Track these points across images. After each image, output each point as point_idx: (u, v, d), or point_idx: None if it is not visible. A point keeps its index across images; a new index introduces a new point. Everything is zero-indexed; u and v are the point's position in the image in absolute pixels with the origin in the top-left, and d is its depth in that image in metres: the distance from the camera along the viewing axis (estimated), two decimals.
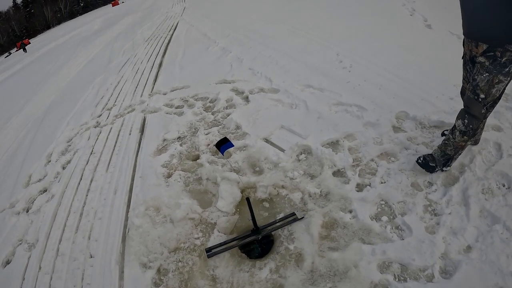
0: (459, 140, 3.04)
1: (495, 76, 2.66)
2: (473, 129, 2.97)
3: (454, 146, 3.08)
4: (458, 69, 4.68)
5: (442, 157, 3.17)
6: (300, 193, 3.45)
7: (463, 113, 3.00)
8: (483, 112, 2.87)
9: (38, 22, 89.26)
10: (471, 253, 2.53)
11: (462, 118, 2.99)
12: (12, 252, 3.97)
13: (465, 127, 2.97)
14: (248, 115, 5.02)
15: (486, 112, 2.89)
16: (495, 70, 2.63)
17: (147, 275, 3.04)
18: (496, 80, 2.68)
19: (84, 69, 13.34)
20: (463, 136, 3.01)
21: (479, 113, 2.87)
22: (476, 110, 2.87)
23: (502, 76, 2.66)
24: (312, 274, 2.72)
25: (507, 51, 2.52)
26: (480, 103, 2.82)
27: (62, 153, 5.98)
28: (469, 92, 2.89)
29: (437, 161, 3.19)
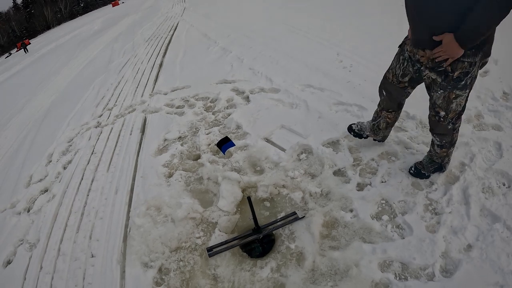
0: (439, 152, 3.09)
1: (451, 92, 2.62)
2: (449, 142, 3.00)
3: (437, 156, 3.11)
4: None
5: (430, 164, 3.19)
6: (301, 192, 3.45)
7: (432, 131, 3.06)
8: (450, 128, 2.86)
9: (38, 23, 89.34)
10: (471, 252, 2.53)
11: (433, 135, 3.07)
12: (13, 252, 3.97)
13: (440, 142, 3.02)
14: (248, 115, 5.03)
15: (454, 126, 2.87)
16: (449, 86, 2.59)
17: (148, 275, 3.04)
18: (453, 95, 2.65)
19: (85, 70, 13.36)
20: (442, 149, 3.05)
21: (445, 130, 2.88)
22: (441, 129, 2.89)
23: (459, 91, 2.61)
24: (313, 273, 2.73)
25: (458, 63, 2.48)
26: (443, 122, 2.83)
27: (63, 153, 5.99)
28: (429, 112, 2.92)
29: (426, 168, 3.20)
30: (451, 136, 2.95)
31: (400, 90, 3.17)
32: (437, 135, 2.99)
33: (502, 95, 4.08)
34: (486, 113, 3.85)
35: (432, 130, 3.00)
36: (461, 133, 3.60)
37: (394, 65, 3.08)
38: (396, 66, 3.04)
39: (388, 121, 3.49)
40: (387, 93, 3.28)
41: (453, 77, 2.53)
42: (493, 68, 4.63)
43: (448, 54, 2.45)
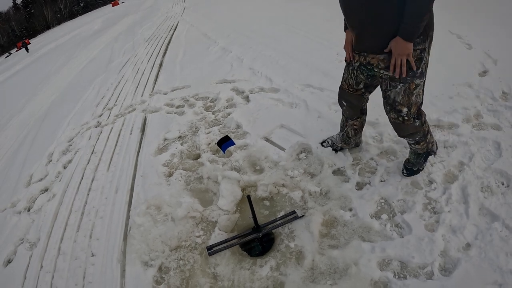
0: (418, 147, 3.11)
1: (411, 82, 2.66)
2: (422, 135, 3.01)
3: (420, 149, 3.14)
4: (457, 68, 4.74)
5: (418, 158, 3.20)
6: (301, 191, 3.47)
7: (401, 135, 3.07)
8: (418, 125, 2.88)
9: (38, 23, 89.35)
10: (470, 250, 2.54)
11: (404, 138, 3.10)
12: (14, 251, 3.97)
13: (413, 140, 3.04)
14: (248, 114, 5.04)
15: (420, 120, 2.90)
16: (408, 77, 2.61)
17: (148, 273, 3.05)
18: (413, 86, 2.68)
19: (85, 69, 13.36)
20: (419, 143, 3.07)
21: (413, 128, 2.88)
22: (409, 128, 2.89)
23: (418, 79, 2.66)
24: (313, 271, 2.74)
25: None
26: (408, 120, 2.83)
27: (63, 152, 5.99)
28: (389, 116, 2.92)
29: (417, 163, 3.22)
30: (422, 130, 2.96)
31: (358, 97, 3.23)
32: (408, 136, 2.99)
33: (501, 95, 4.09)
34: (485, 113, 3.86)
35: (400, 134, 3.00)
36: (460, 132, 3.63)
37: (346, 76, 3.16)
38: (348, 77, 3.11)
39: (355, 128, 3.56)
40: (347, 102, 3.35)
41: (410, 67, 2.56)
42: (492, 68, 4.64)
43: (400, 54, 2.51)
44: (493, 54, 4.99)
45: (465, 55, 5.24)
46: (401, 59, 2.54)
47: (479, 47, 5.35)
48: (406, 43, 2.46)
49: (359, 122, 3.53)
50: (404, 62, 2.55)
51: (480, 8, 6.96)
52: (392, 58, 2.58)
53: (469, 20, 6.47)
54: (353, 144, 3.78)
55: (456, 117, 3.87)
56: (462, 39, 5.77)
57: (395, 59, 2.57)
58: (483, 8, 6.91)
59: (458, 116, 3.89)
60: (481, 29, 5.92)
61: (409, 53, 2.50)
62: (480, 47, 5.33)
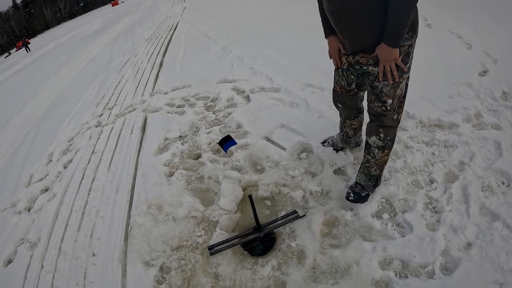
0: (380, 157, 3.00)
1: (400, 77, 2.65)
2: (391, 139, 2.94)
3: (377, 165, 3.05)
4: (458, 68, 4.74)
5: (369, 181, 3.11)
6: (302, 191, 3.47)
7: (375, 127, 2.93)
8: (395, 118, 2.85)
9: (38, 22, 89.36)
10: (471, 250, 2.55)
11: (376, 134, 2.93)
12: (14, 251, 3.97)
13: (383, 141, 2.93)
14: (249, 114, 5.04)
15: (398, 116, 2.87)
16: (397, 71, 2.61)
17: (149, 273, 3.05)
18: (401, 80, 2.67)
19: (85, 69, 13.36)
20: (384, 150, 2.97)
21: (392, 121, 2.84)
22: (388, 120, 2.84)
23: (405, 74, 2.67)
24: (314, 271, 2.74)
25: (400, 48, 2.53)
26: (390, 111, 2.80)
27: (63, 152, 5.99)
28: (373, 105, 2.86)
29: (366, 187, 3.11)
30: (395, 131, 2.94)
31: (352, 97, 3.22)
32: (383, 129, 2.89)
33: (502, 95, 4.09)
34: (485, 113, 3.86)
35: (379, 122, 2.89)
36: (460, 132, 3.64)
37: (336, 79, 3.19)
38: (339, 79, 3.14)
39: (354, 128, 3.57)
40: (342, 104, 3.36)
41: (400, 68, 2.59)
42: (492, 67, 4.65)
43: (387, 60, 2.53)
44: (493, 54, 5.00)
45: (465, 54, 5.24)
46: (389, 65, 2.56)
47: (479, 46, 5.35)
48: (391, 49, 2.47)
49: (358, 121, 3.53)
50: (394, 67, 2.56)
51: (480, 8, 6.95)
52: (380, 65, 2.60)
53: (469, 19, 6.47)
54: (354, 143, 3.79)
55: (457, 117, 3.87)
56: (462, 38, 5.78)
57: (383, 66, 2.59)
58: (483, 8, 6.91)
59: (459, 115, 3.89)
60: (481, 29, 5.92)
61: (396, 58, 2.51)
62: (480, 46, 5.34)
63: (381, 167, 3.08)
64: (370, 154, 3.02)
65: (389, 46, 2.46)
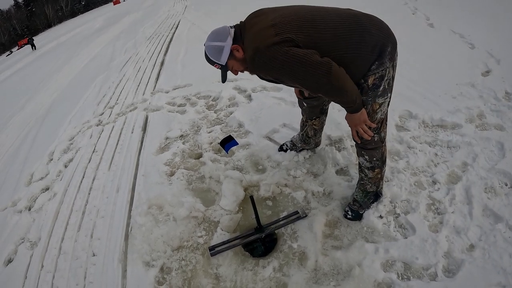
0: (372, 175, 2.95)
1: (374, 103, 2.54)
2: (378, 159, 2.87)
3: (372, 183, 3.00)
4: (460, 68, 4.72)
5: (366, 197, 3.05)
6: (303, 191, 3.45)
7: (359, 150, 2.89)
8: (377, 140, 2.74)
9: (39, 21, 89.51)
10: (474, 252, 2.53)
11: (361, 155, 2.89)
12: (14, 251, 3.96)
13: (370, 163, 2.87)
14: (250, 113, 5.02)
15: (380, 136, 2.76)
16: (369, 98, 2.51)
17: (150, 274, 3.04)
18: (377, 106, 2.56)
19: (86, 68, 13.35)
20: (374, 170, 2.91)
21: (374, 143, 2.75)
22: (370, 143, 2.75)
23: (381, 98, 2.55)
24: (316, 272, 2.73)
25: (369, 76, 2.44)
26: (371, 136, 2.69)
27: (64, 151, 5.98)
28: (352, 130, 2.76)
29: (362, 204, 3.06)
30: (381, 151, 2.84)
31: (319, 97, 3.23)
32: (366, 152, 2.82)
33: (505, 95, 4.08)
34: (488, 113, 3.85)
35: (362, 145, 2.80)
36: (463, 133, 3.62)
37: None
38: None
39: (315, 128, 3.59)
40: (308, 103, 3.38)
41: (369, 87, 2.47)
42: (495, 67, 4.63)
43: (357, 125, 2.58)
44: (496, 54, 4.98)
45: (468, 54, 5.23)
46: (361, 128, 2.57)
47: (481, 46, 5.33)
48: (356, 114, 2.48)
49: (319, 122, 3.55)
50: (365, 128, 2.56)
51: (482, 8, 6.93)
52: (352, 130, 2.65)
53: (471, 19, 6.45)
54: (313, 144, 3.82)
55: (460, 117, 3.86)
56: (464, 38, 5.76)
57: (355, 131, 2.62)
58: (485, 8, 6.89)
59: (461, 116, 3.87)
60: (484, 29, 5.90)
61: (364, 120, 2.52)
62: (483, 46, 5.32)
63: (377, 183, 3.03)
64: (363, 173, 3.00)
65: (353, 113, 2.49)
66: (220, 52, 2.55)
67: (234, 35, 2.56)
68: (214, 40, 2.57)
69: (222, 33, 2.57)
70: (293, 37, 2.27)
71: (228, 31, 2.57)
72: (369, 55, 2.37)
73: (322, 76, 2.23)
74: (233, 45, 2.54)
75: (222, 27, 2.62)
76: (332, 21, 2.35)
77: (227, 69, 2.66)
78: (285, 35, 2.28)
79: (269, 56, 2.29)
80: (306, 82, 2.36)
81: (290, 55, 2.24)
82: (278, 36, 2.28)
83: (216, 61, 2.59)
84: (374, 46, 2.36)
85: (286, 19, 2.37)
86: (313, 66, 2.23)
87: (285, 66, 2.28)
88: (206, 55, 2.62)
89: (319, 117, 3.49)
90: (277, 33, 2.29)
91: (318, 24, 2.33)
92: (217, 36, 2.57)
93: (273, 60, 2.29)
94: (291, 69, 2.28)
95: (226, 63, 2.59)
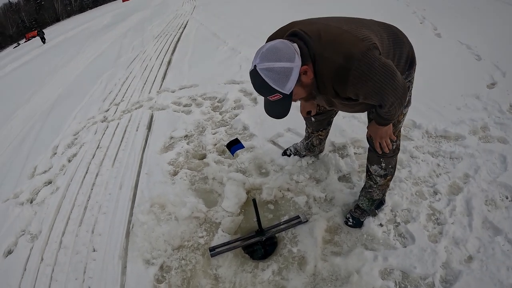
0: (383, 183, 2.94)
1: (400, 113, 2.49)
2: (393, 166, 2.88)
3: (380, 190, 3.01)
4: (466, 79, 4.73)
5: (371, 205, 3.04)
6: (305, 196, 3.47)
7: (376, 158, 2.79)
8: (395, 147, 2.74)
9: (48, 15, 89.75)
10: (472, 263, 2.55)
11: (378, 163, 2.82)
12: (15, 243, 3.98)
13: (384, 170, 2.85)
14: (256, 116, 5.04)
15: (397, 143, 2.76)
16: None
17: (150, 272, 3.06)
18: (401, 116, 2.59)
19: (93, 64, 13.39)
20: (386, 177, 2.91)
21: (393, 150, 2.75)
22: (390, 152, 2.72)
23: (405, 108, 2.59)
24: (315, 277, 2.74)
25: None
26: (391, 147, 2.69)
27: (68, 146, 6.00)
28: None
29: (368, 211, 3.05)
30: (396, 157, 2.85)
31: (327, 111, 3.24)
32: (384, 160, 2.78)
33: (509, 108, 4.09)
34: (492, 126, 3.86)
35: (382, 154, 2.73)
36: (466, 144, 3.64)
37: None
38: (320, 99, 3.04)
39: (320, 138, 3.61)
40: (315, 118, 3.36)
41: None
42: (501, 80, 4.64)
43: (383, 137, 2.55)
44: (502, 66, 4.99)
45: (474, 66, 5.24)
46: (384, 141, 2.56)
47: (488, 58, 5.34)
48: (385, 127, 2.45)
49: (325, 133, 3.57)
50: (388, 141, 2.55)
51: (490, 20, 6.94)
52: (375, 141, 2.60)
53: (479, 31, 6.46)
54: (318, 151, 3.84)
55: (463, 128, 3.87)
56: (471, 49, 5.77)
57: (378, 142, 2.59)
58: (493, 20, 6.90)
59: (465, 127, 3.89)
60: (491, 41, 5.91)
61: (390, 133, 2.51)
62: (489, 58, 5.33)
63: (384, 190, 3.05)
64: (372, 181, 2.97)
65: (382, 126, 2.45)
66: (288, 76, 1.94)
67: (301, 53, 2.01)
68: (276, 60, 1.91)
69: (285, 50, 1.94)
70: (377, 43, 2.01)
71: (294, 48, 1.98)
72: (404, 65, 2.37)
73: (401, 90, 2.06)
74: (303, 66, 1.99)
75: (280, 42, 1.99)
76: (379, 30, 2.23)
77: (291, 100, 2.09)
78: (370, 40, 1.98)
79: (368, 65, 1.92)
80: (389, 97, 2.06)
81: (383, 64, 1.95)
82: (365, 42, 1.95)
83: (279, 90, 1.98)
84: (407, 56, 2.36)
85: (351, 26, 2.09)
86: (397, 78, 2.02)
87: (381, 77, 1.95)
88: (262, 82, 1.98)
89: (326, 128, 3.51)
90: (362, 39, 1.97)
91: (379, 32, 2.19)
92: (280, 55, 1.92)
93: (371, 71, 1.92)
94: (384, 81, 1.97)
95: (291, 92, 2.02)
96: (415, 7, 8.74)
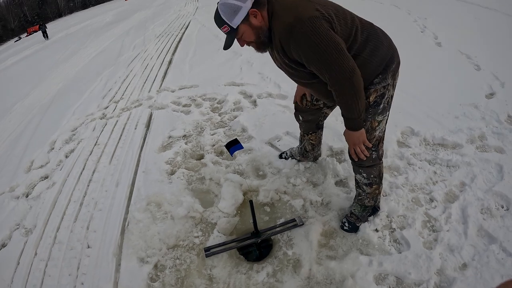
0: (370, 191, 2.96)
1: (373, 120, 2.55)
2: (376, 176, 2.87)
3: (370, 198, 3.01)
4: (465, 88, 4.75)
5: (364, 211, 3.06)
6: (302, 200, 3.47)
7: (356, 168, 2.87)
8: (375, 157, 2.74)
9: (50, 10, 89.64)
10: (466, 270, 2.55)
11: (359, 173, 2.88)
12: (9, 236, 3.98)
13: (367, 179, 2.87)
14: (255, 119, 5.05)
15: (378, 153, 2.75)
16: (369, 115, 2.53)
17: (143, 270, 3.05)
18: (376, 123, 2.57)
19: (94, 60, 13.41)
20: (372, 186, 2.92)
21: (372, 160, 2.75)
22: (367, 161, 2.74)
23: (380, 116, 2.56)
24: (309, 281, 2.74)
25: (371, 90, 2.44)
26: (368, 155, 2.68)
27: (66, 141, 6.00)
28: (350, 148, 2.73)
29: (362, 217, 3.07)
30: (378, 168, 2.84)
31: (315, 111, 3.24)
32: (363, 170, 2.82)
33: (507, 118, 4.10)
34: (489, 135, 3.87)
35: (359, 163, 2.77)
36: (463, 153, 3.64)
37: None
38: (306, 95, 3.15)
39: (312, 143, 3.61)
40: (303, 117, 3.38)
41: (370, 104, 2.48)
42: (499, 90, 4.65)
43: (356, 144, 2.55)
44: (501, 77, 5.00)
45: (473, 75, 5.25)
46: (358, 147, 2.56)
47: (487, 68, 5.35)
48: (355, 133, 2.46)
49: (315, 137, 3.56)
50: (363, 148, 2.55)
51: (491, 30, 6.96)
52: (350, 148, 2.62)
53: (479, 41, 6.48)
54: (311, 158, 3.84)
55: (461, 137, 3.88)
56: (471, 59, 5.78)
57: (353, 149, 2.59)
58: (494, 30, 6.92)
59: (463, 136, 3.90)
60: (491, 51, 5.93)
61: (363, 139, 2.51)
62: (488, 68, 5.34)
63: (375, 198, 3.04)
64: (360, 189, 3.00)
65: (353, 131, 2.46)
66: (235, 12, 2.24)
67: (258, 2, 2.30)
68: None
69: None
70: (333, 19, 2.19)
71: None
72: (377, 66, 2.38)
73: (347, 70, 2.15)
74: (252, 9, 2.27)
75: None
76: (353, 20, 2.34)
77: (236, 35, 2.36)
78: (325, 14, 2.17)
79: (312, 28, 2.10)
80: (332, 71, 2.18)
81: (330, 35, 2.12)
82: (319, 12, 2.15)
83: (227, 22, 2.27)
84: (383, 58, 2.38)
85: (322, 2, 2.29)
86: (344, 57, 2.15)
87: (322, 45, 2.11)
88: (217, 13, 2.28)
89: (316, 132, 3.51)
90: (317, 9, 2.17)
91: (347, 19, 2.31)
92: None
93: (314, 34, 2.10)
94: (326, 51, 2.12)
95: (237, 27, 2.30)
96: (416, 16, 8.76)
